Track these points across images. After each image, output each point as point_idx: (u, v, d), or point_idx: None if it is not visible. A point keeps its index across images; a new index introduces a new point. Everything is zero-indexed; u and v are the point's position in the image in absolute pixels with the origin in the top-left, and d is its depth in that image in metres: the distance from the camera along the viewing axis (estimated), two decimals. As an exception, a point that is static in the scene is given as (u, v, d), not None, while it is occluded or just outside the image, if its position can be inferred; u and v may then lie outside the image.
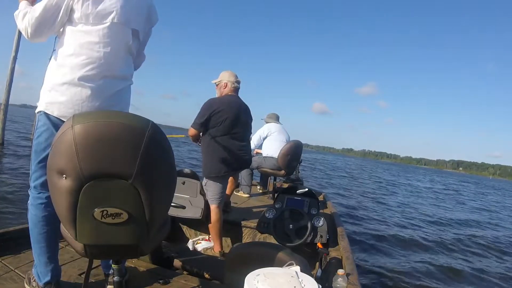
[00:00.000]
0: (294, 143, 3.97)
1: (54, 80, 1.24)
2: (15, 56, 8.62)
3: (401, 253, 4.46)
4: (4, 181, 5.24)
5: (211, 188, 2.42)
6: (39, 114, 1.26)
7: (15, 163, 6.89)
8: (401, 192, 13.47)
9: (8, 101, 9.04)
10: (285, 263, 1.07)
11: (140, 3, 1.38)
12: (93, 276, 1.48)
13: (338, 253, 2.20)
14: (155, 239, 1.06)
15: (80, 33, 1.24)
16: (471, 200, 15.28)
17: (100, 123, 0.84)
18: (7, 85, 8.86)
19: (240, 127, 2.48)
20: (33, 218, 1.25)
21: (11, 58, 8.64)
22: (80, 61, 1.22)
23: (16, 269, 1.46)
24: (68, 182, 0.83)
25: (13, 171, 6.12)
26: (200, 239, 2.72)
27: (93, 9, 1.23)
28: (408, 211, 8.37)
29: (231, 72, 2.60)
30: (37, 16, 1.19)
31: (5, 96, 8.92)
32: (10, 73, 8.77)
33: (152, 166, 0.88)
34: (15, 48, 8.62)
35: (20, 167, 6.45)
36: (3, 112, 8.96)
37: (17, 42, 8.67)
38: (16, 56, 8.69)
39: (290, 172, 4.17)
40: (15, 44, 8.58)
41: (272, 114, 4.54)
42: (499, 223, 8.71)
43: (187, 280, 1.62)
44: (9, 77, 8.83)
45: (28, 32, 1.21)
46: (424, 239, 5.47)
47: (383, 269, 3.72)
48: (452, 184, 27.92)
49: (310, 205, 2.52)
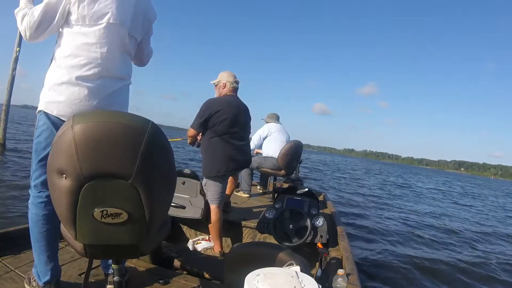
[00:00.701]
0: (294, 143, 3.97)
1: (53, 81, 1.25)
2: (17, 57, 8.64)
3: (402, 253, 4.45)
4: (5, 181, 5.24)
5: (211, 188, 2.42)
6: (39, 114, 1.27)
7: (17, 163, 6.88)
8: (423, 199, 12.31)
9: (9, 101, 9.05)
10: (285, 263, 1.07)
11: (136, 2, 1.38)
12: (93, 276, 1.48)
13: (338, 253, 2.20)
14: (155, 239, 1.06)
15: (77, 35, 1.25)
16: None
17: (100, 123, 0.84)
18: (8, 86, 8.87)
19: (240, 127, 2.49)
20: (33, 217, 1.26)
21: (13, 59, 8.66)
22: (78, 62, 1.24)
23: (16, 269, 1.46)
24: (68, 182, 0.84)
25: (15, 171, 6.11)
26: (200, 239, 2.72)
27: (89, 10, 1.24)
28: (409, 211, 8.37)
29: (230, 72, 2.60)
30: (36, 19, 1.22)
31: (7, 96, 8.93)
32: (11, 73, 8.78)
33: (151, 166, 0.88)
34: (17, 49, 8.64)
35: (21, 167, 6.45)
36: (4, 112, 8.97)
37: (19, 43, 8.68)
38: (18, 57, 8.70)
39: (290, 172, 4.16)
40: (16, 45, 8.59)
41: (272, 114, 4.54)
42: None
43: (187, 280, 1.62)
44: (11, 77, 8.84)
45: (27, 34, 1.25)
46: (425, 239, 5.47)
47: (383, 269, 3.72)
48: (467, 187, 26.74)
49: (310, 205, 2.52)
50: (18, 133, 14.16)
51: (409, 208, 8.82)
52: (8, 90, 8.87)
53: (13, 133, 12.91)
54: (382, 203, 9.03)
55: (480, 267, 4.26)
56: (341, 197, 8.90)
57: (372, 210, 7.58)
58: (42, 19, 1.22)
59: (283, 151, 3.87)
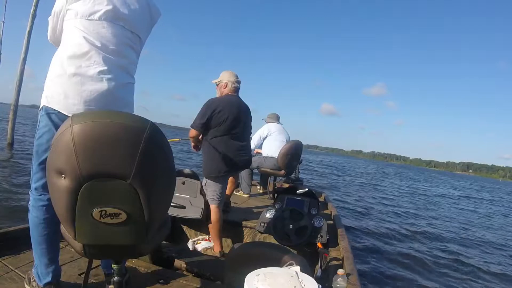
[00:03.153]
0: (294, 143, 3.97)
1: (53, 75, 1.25)
2: (25, 57, 8.69)
3: (402, 253, 4.45)
4: (11, 181, 5.24)
5: (211, 188, 2.42)
6: (41, 114, 1.26)
7: (25, 163, 6.87)
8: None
9: (17, 101, 9.09)
10: (285, 263, 1.07)
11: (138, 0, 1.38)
12: (93, 276, 1.48)
13: (338, 253, 2.20)
14: (155, 239, 1.06)
15: (76, 28, 1.25)
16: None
17: (99, 123, 0.84)
18: (16, 86, 8.93)
19: (240, 127, 2.48)
20: (34, 220, 1.24)
21: (21, 60, 8.72)
22: (78, 55, 1.23)
23: (16, 269, 1.46)
24: (67, 182, 0.83)
25: (22, 171, 6.11)
26: (200, 239, 2.72)
27: (89, 7, 1.24)
28: (408, 211, 8.37)
29: (231, 72, 2.59)
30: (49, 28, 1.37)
31: (15, 97, 8.98)
32: (19, 74, 8.85)
33: (150, 166, 0.88)
34: (25, 49, 8.68)
35: (29, 167, 6.44)
36: (13, 112, 9.01)
37: (27, 44, 8.71)
38: (26, 58, 8.75)
39: (290, 172, 4.17)
40: (25, 46, 8.63)
41: (273, 114, 4.54)
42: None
43: (187, 280, 1.62)
44: (19, 78, 8.92)
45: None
46: (424, 239, 5.47)
47: (383, 269, 3.72)
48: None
49: (310, 205, 2.52)
50: (26, 133, 14.12)
51: (413, 212, 8.80)
52: (16, 91, 8.93)
53: (22, 133, 12.89)
54: (386, 204, 9.02)
55: (484, 271, 4.25)
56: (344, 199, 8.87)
57: (373, 211, 7.58)
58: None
59: (283, 151, 3.87)
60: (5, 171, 6.10)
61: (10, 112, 9.07)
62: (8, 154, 8.05)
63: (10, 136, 9.02)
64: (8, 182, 5.10)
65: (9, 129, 9.06)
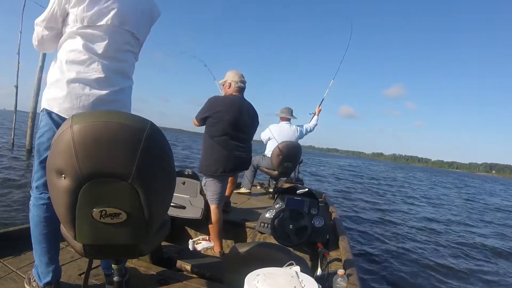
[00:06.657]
0: (287, 144, 3.91)
1: (53, 79, 1.26)
2: (42, 65, 8.75)
3: (402, 253, 4.45)
4: (26, 184, 5.21)
5: (210, 188, 2.42)
6: (42, 114, 1.27)
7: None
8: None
9: (36, 109, 9.15)
10: (285, 263, 1.07)
11: (139, 1, 1.38)
12: (93, 276, 1.48)
13: (338, 253, 2.20)
14: (155, 240, 1.06)
15: (77, 35, 1.26)
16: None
17: (99, 123, 0.84)
18: (34, 94, 9.03)
19: (240, 128, 2.47)
20: (34, 218, 1.25)
21: (38, 68, 8.78)
22: (77, 61, 1.24)
23: (17, 270, 1.46)
24: (66, 182, 0.83)
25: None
26: (200, 239, 2.72)
27: (89, 11, 1.24)
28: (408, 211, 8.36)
29: (236, 71, 2.58)
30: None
31: (33, 104, 9.05)
32: (37, 82, 8.95)
33: (150, 166, 0.88)
34: (42, 58, 8.75)
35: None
36: (31, 119, 9.07)
37: (44, 53, 8.73)
38: (43, 66, 8.82)
39: (282, 172, 4.03)
40: (42, 54, 8.70)
41: (285, 109, 4.36)
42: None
43: (187, 280, 1.62)
44: (36, 86, 9.03)
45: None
46: (425, 239, 5.46)
47: (383, 269, 3.72)
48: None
49: (310, 205, 2.52)
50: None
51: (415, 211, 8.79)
52: (33, 99, 9.01)
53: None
54: (387, 206, 9.00)
55: (486, 272, 4.23)
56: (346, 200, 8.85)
57: (374, 212, 7.58)
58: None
59: (275, 151, 3.86)
60: (27, 175, 6.04)
61: (29, 119, 9.15)
62: (25, 162, 8.00)
63: (29, 143, 9.09)
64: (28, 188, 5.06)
65: (28, 136, 9.13)
